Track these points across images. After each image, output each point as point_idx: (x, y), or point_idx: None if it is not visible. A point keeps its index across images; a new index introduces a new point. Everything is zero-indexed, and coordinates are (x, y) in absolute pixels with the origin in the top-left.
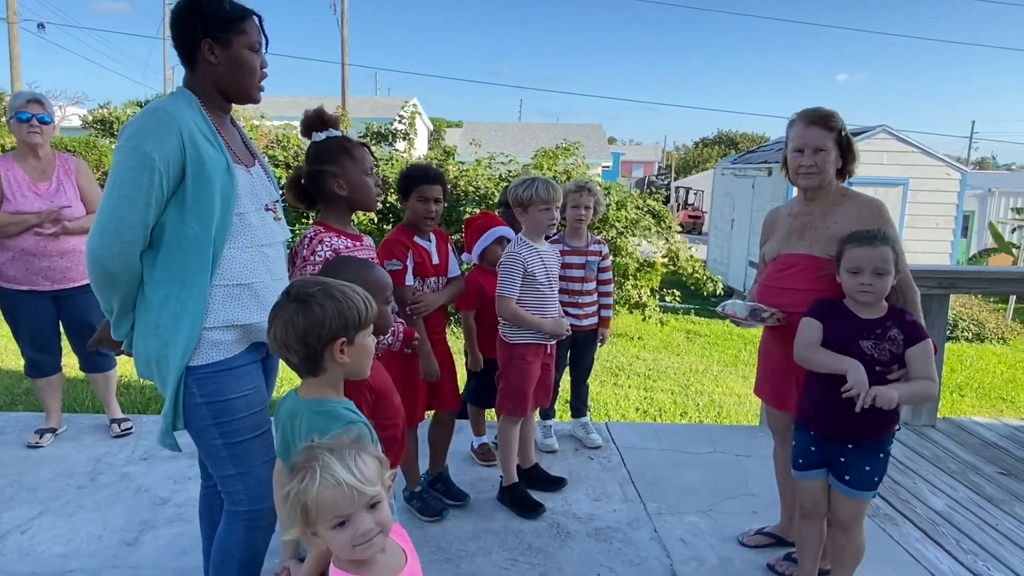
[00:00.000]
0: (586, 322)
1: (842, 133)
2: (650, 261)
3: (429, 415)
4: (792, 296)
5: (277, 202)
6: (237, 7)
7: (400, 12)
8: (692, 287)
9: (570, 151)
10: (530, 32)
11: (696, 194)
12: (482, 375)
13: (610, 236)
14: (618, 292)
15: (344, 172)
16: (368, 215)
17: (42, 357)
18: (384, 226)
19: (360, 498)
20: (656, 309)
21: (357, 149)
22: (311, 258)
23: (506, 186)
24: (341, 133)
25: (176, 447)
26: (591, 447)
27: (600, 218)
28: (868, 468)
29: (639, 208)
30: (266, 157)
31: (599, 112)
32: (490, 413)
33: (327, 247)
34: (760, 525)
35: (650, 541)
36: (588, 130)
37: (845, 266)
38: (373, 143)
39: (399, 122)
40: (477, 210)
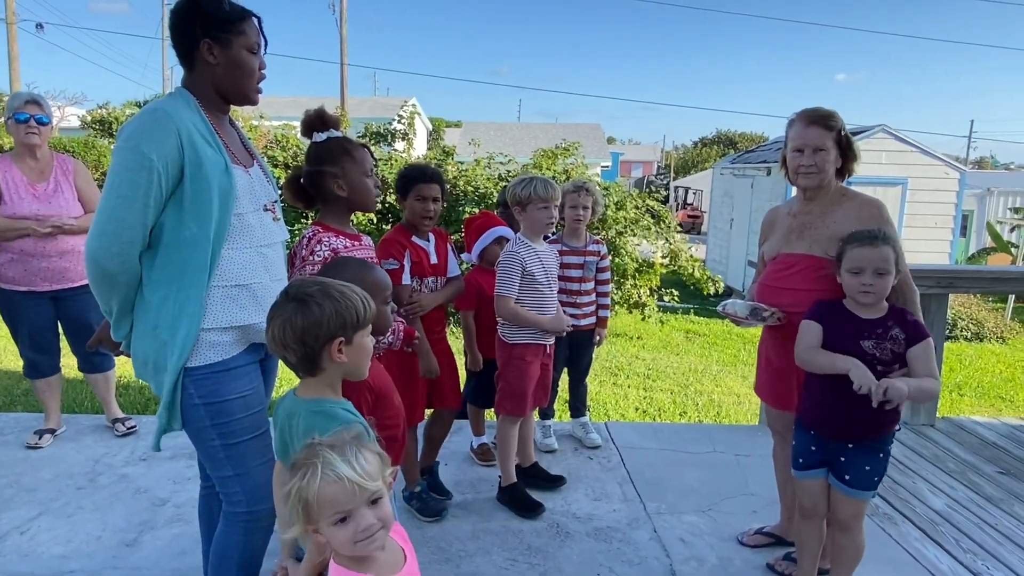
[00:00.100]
0: (584, 322)
1: (841, 133)
2: (649, 261)
3: (428, 413)
4: (792, 296)
5: (276, 202)
6: (237, 8)
7: (399, 12)
8: (692, 287)
9: (569, 151)
10: (529, 32)
11: (695, 194)
12: (481, 375)
13: (609, 236)
14: (618, 292)
15: (344, 173)
16: (367, 215)
17: (41, 358)
18: (383, 226)
19: (361, 493)
20: (655, 309)
21: (358, 150)
22: (310, 258)
23: (504, 186)
24: (342, 134)
25: (158, 447)
26: (590, 447)
27: (599, 218)
28: (868, 468)
29: (638, 208)
30: (265, 158)
31: (598, 112)
32: (489, 413)
33: (326, 247)
34: (760, 525)
35: (650, 541)
36: (587, 130)
37: (846, 266)
38: (372, 143)
39: (398, 122)
40: (476, 210)
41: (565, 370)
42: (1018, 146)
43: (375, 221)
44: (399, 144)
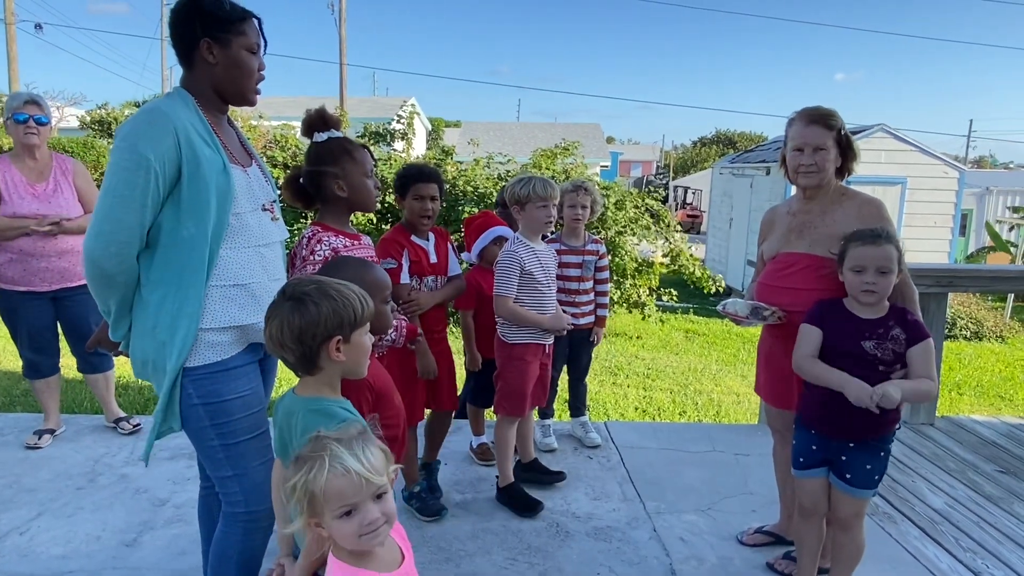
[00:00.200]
0: (583, 321)
1: (841, 132)
2: (649, 260)
3: (427, 414)
4: (792, 295)
5: (274, 202)
6: (238, 8)
7: (398, 12)
8: (693, 286)
9: (568, 151)
10: (529, 32)
11: (694, 193)
12: (481, 375)
13: (609, 236)
14: (617, 291)
15: (345, 174)
16: (367, 215)
17: (40, 358)
18: (383, 226)
19: (368, 487)
20: (655, 308)
21: (358, 151)
22: (310, 258)
23: (503, 186)
24: (342, 134)
25: (147, 458)
26: (590, 446)
27: (598, 218)
28: (869, 467)
29: (637, 207)
30: (264, 158)
31: (597, 112)
32: (489, 413)
33: (326, 246)
34: (759, 524)
35: (649, 540)
36: (586, 129)
37: (848, 264)
38: (371, 143)
39: (397, 122)
40: (476, 210)
41: (564, 369)
42: (1017, 145)
43: (374, 221)
44: (398, 144)
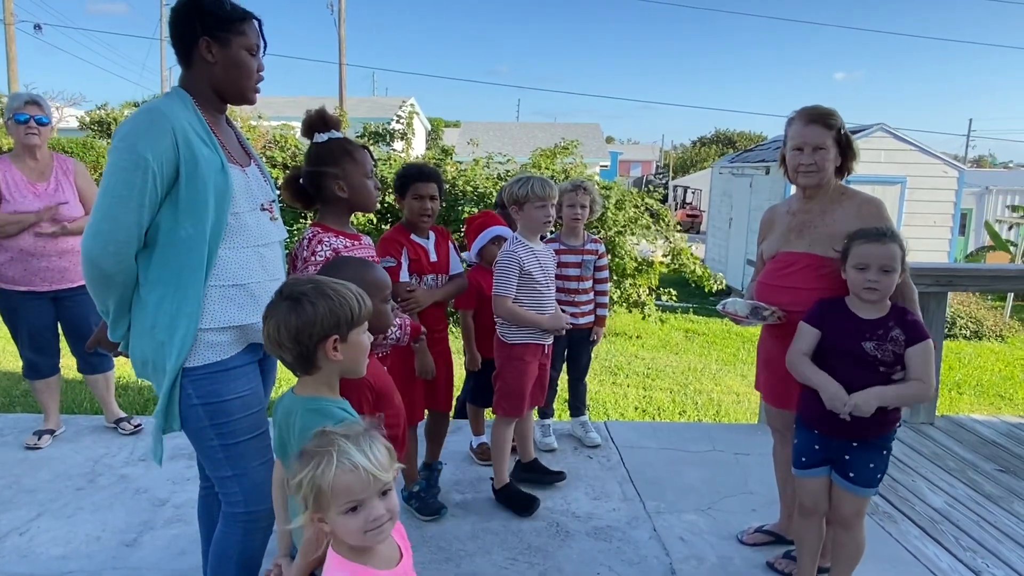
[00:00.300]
0: (583, 320)
1: (841, 131)
2: (648, 260)
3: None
4: (792, 295)
5: (273, 202)
6: (238, 9)
7: (398, 12)
8: (694, 284)
9: (568, 150)
10: (528, 31)
11: (694, 193)
12: (480, 375)
13: (609, 235)
14: (617, 291)
15: (345, 174)
16: (366, 215)
17: (41, 359)
18: (382, 226)
19: (375, 484)
20: (655, 308)
21: (358, 151)
22: (312, 259)
23: (502, 187)
24: (343, 135)
25: (159, 459)
26: (590, 446)
27: (597, 217)
28: (872, 465)
29: (637, 207)
30: (263, 158)
31: (597, 111)
32: (489, 413)
33: (327, 247)
34: (759, 523)
35: (649, 540)
36: (586, 129)
37: (852, 262)
38: (371, 143)
39: (397, 122)
40: (475, 210)
41: (564, 369)
42: (1017, 144)
43: (374, 221)
44: (398, 144)
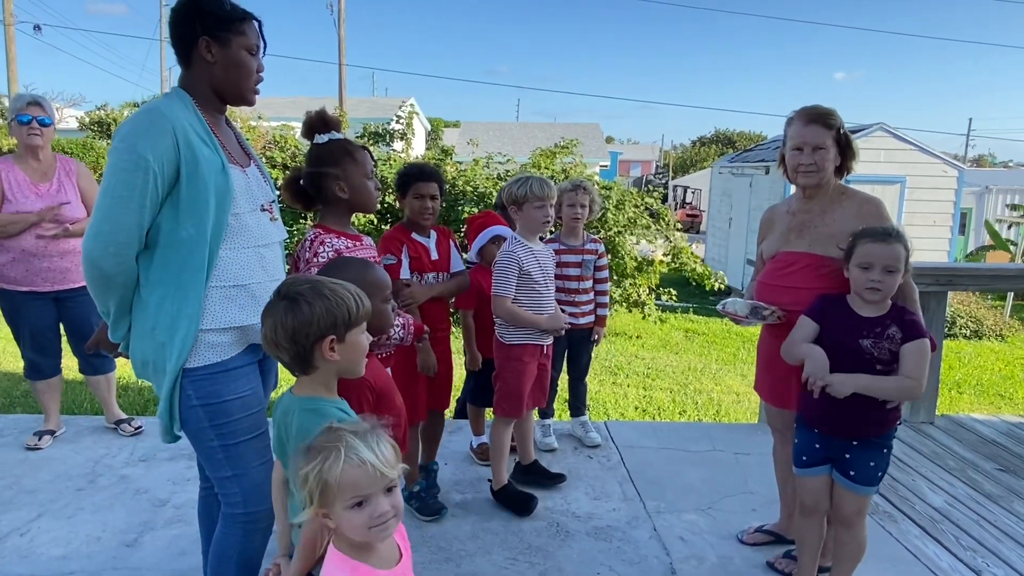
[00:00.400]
0: (583, 320)
1: (840, 131)
2: (648, 259)
3: None
4: (792, 294)
5: (273, 202)
6: (238, 9)
7: (397, 12)
8: (694, 284)
9: (567, 150)
10: (528, 32)
11: (694, 193)
12: (480, 375)
13: (609, 235)
14: (617, 291)
15: (346, 175)
16: (367, 216)
17: (42, 359)
18: (383, 226)
19: (381, 480)
20: (655, 308)
21: (359, 152)
22: (314, 260)
23: (502, 187)
24: (343, 135)
25: (176, 438)
26: (590, 446)
27: (597, 217)
28: (873, 463)
29: (637, 207)
30: (263, 158)
31: (596, 111)
32: (489, 412)
33: (329, 248)
34: (760, 523)
35: (649, 539)
36: (586, 129)
37: (856, 260)
38: (370, 143)
39: (396, 122)
40: (475, 210)
41: (564, 369)
42: (1016, 144)
43: (375, 222)
44: (398, 144)
